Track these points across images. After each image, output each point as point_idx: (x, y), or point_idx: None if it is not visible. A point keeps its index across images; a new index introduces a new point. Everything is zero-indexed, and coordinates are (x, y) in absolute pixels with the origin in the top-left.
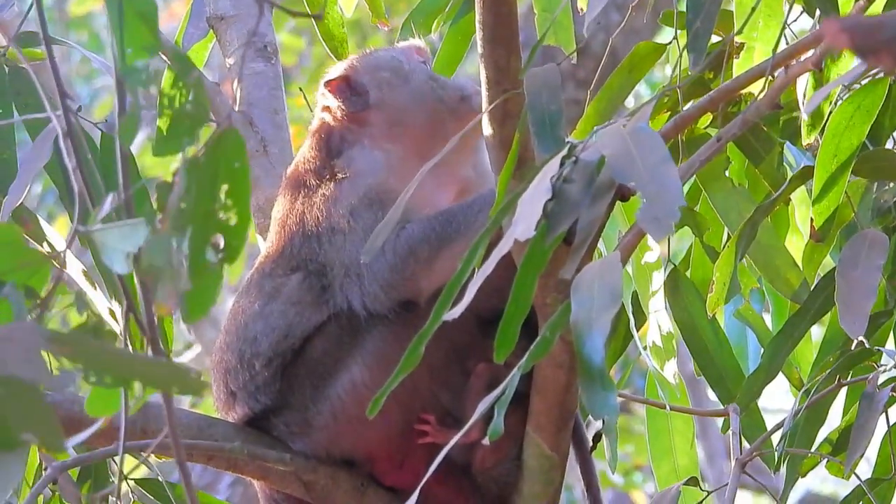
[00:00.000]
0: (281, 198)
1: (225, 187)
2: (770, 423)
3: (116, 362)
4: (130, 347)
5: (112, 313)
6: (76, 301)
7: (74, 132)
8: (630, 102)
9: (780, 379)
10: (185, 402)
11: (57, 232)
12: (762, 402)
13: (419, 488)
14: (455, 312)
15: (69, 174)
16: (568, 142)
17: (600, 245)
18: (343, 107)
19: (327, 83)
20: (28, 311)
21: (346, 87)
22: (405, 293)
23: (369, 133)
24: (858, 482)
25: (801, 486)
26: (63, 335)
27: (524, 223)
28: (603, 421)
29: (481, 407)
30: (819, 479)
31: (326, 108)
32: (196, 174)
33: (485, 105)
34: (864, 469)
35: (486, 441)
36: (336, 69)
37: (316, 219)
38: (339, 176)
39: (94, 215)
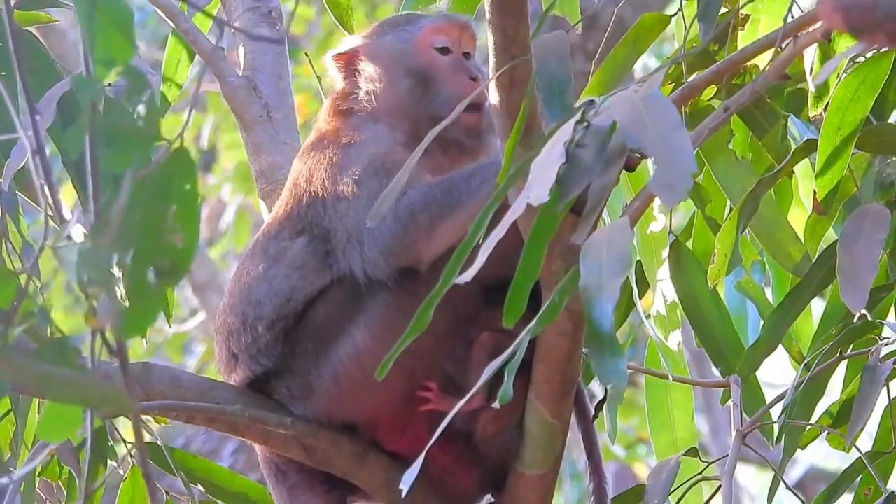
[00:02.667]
0: (297, 158)
1: (174, 209)
2: (771, 397)
3: (42, 380)
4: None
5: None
6: (39, 317)
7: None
8: (638, 74)
9: (781, 354)
10: (189, 365)
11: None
12: (763, 377)
13: (414, 452)
14: (467, 276)
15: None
16: (579, 106)
17: (604, 215)
18: (345, 84)
19: (335, 56)
20: None
21: (352, 64)
22: (405, 260)
23: (377, 106)
24: (859, 455)
25: (805, 461)
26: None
27: (538, 188)
28: (606, 389)
29: (488, 371)
30: (823, 455)
31: None
32: (145, 193)
33: (492, 72)
34: (865, 443)
35: (495, 405)
36: (346, 42)
37: (323, 182)
38: (348, 141)
39: (61, 231)
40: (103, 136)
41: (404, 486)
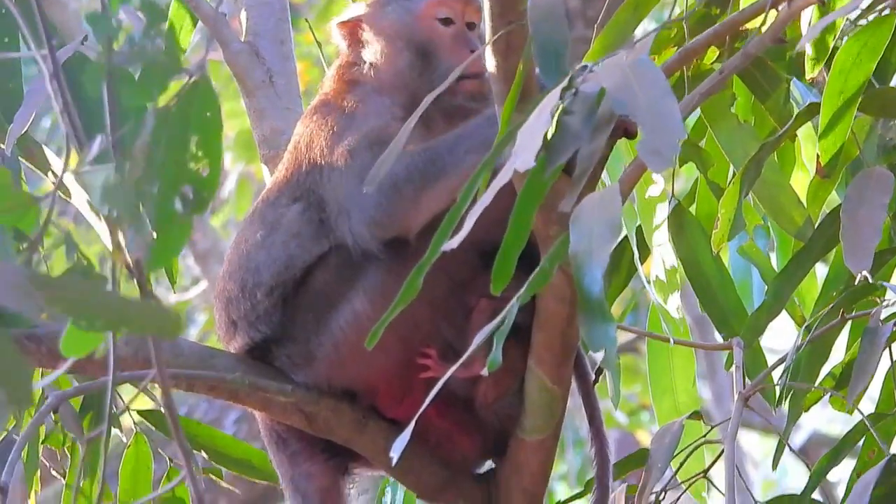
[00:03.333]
0: (300, 121)
1: (195, 138)
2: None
3: (100, 305)
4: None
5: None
6: (65, 244)
7: (60, 72)
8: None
9: (785, 319)
10: (192, 334)
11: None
12: (767, 343)
13: (416, 419)
14: (454, 243)
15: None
16: (571, 72)
17: (605, 179)
18: (349, 52)
19: (339, 24)
20: (17, 254)
21: (355, 33)
22: (391, 232)
23: (378, 77)
24: (861, 417)
25: (808, 427)
26: (48, 277)
27: (524, 154)
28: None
29: (480, 337)
30: (826, 420)
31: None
32: (166, 124)
33: (488, 38)
34: (868, 406)
35: (484, 372)
36: (350, 10)
37: (321, 149)
38: (348, 111)
39: (83, 157)
40: (123, 70)
41: (395, 453)
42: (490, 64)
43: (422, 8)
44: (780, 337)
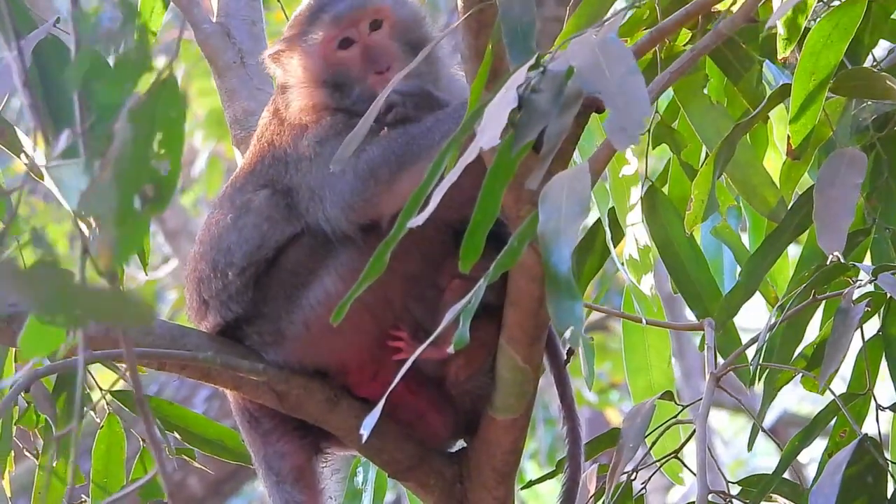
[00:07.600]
0: (265, 110)
1: (159, 136)
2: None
3: (69, 296)
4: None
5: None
6: (33, 238)
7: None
8: None
9: (759, 300)
10: (161, 313)
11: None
12: (740, 323)
13: (387, 398)
14: (419, 220)
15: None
16: (536, 52)
17: (577, 159)
18: (284, 79)
19: (268, 55)
20: None
21: (281, 62)
22: (366, 216)
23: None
24: (833, 397)
25: (778, 406)
26: (17, 269)
27: (490, 132)
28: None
29: (449, 316)
30: (796, 400)
31: None
32: (135, 122)
33: (460, 15)
34: (839, 386)
35: (450, 350)
36: (276, 44)
37: (286, 142)
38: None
39: (50, 150)
40: (96, 68)
41: (365, 430)
42: (462, 41)
43: (319, 47)
44: (754, 316)
